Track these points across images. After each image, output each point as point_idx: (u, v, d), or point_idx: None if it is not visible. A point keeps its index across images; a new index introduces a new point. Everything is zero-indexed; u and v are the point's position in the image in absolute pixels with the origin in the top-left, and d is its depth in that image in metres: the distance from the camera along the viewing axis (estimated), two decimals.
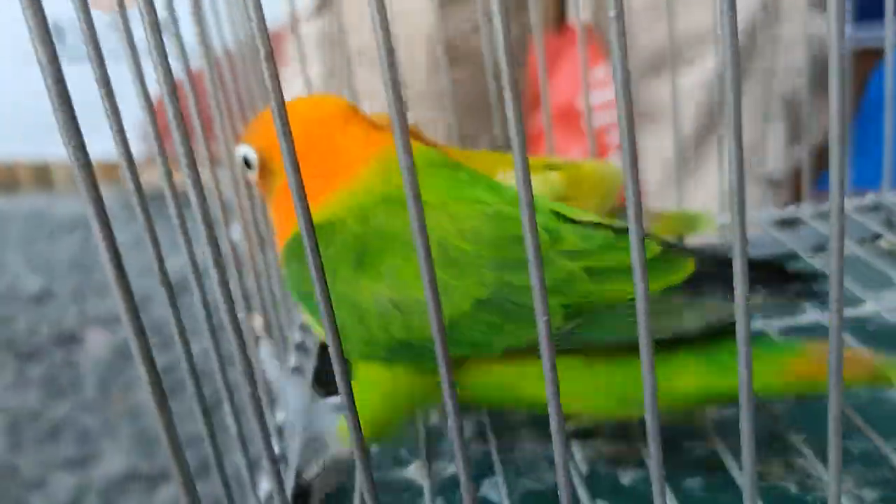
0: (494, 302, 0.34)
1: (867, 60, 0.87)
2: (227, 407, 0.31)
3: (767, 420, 0.41)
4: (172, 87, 0.25)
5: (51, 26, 0.21)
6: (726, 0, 0.21)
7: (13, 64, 2.54)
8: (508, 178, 0.49)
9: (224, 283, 0.25)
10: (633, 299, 0.30)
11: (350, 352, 0.37)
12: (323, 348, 0.51)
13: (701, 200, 0.71)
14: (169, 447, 0.24)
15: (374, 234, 0.36)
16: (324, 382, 0.48)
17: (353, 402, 0.26)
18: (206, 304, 0.31)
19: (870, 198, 0.63)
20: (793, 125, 0.82)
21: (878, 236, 0.61)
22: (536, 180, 0.51)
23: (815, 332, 0.49)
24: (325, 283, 0.25)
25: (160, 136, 0.25)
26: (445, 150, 0.51)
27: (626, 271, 0.32)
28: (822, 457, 0.37)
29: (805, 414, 0.40)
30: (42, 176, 2.70)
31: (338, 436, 0.40)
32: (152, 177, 0.28)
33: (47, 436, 1.52)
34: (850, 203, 0.63)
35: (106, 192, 0.23)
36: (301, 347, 0.51)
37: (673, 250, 0.35)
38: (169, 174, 0.26)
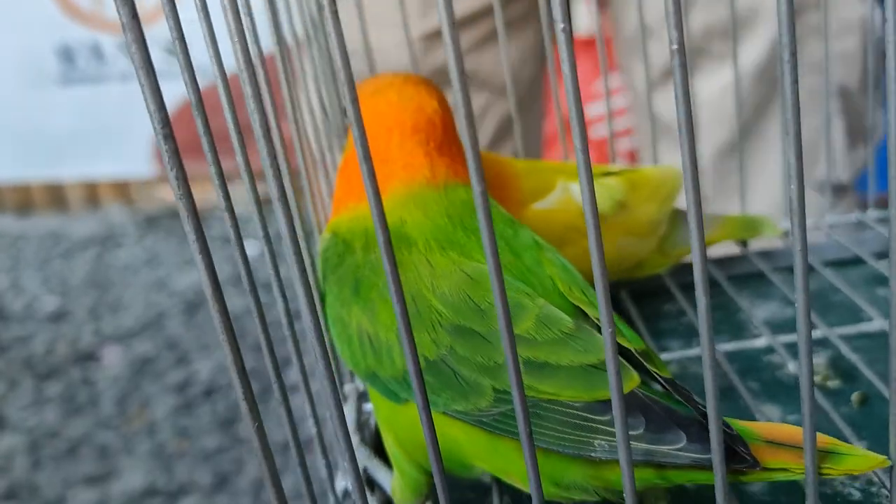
0: (438, 366, 0.33)
1: None
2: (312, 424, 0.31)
3: (831, 427, 0.40)
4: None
5: (61, 48, 0.21)
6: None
7: (26, 87, 2.57)
8: (569, 188, 0.49)
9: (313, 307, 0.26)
10: (559, 403, 0.31)
11: (346, 363, 0.38)
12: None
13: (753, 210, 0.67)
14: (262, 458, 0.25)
15: (369, 266, 0.36)
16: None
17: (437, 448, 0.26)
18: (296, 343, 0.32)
19: None
20: (852, 122, 0.75)
21: None
22: (596, 187, 0.50)
23: (880, 339, 0.49)
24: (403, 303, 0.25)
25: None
26: (506, 163, 0.50)
27: (564, 373, 0.31)
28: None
29: (866, 419, 0.40)
30: (56, 196, 2.73)
31: (392, 495, 0.39)
32: (167, 194, 0.28)
33: (66, 453, 1.53)
34: None
35: (118, 211, 0.24)
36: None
37: (623, 358, 0.32)
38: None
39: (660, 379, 0.33)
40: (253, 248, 0.39)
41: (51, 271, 2.30)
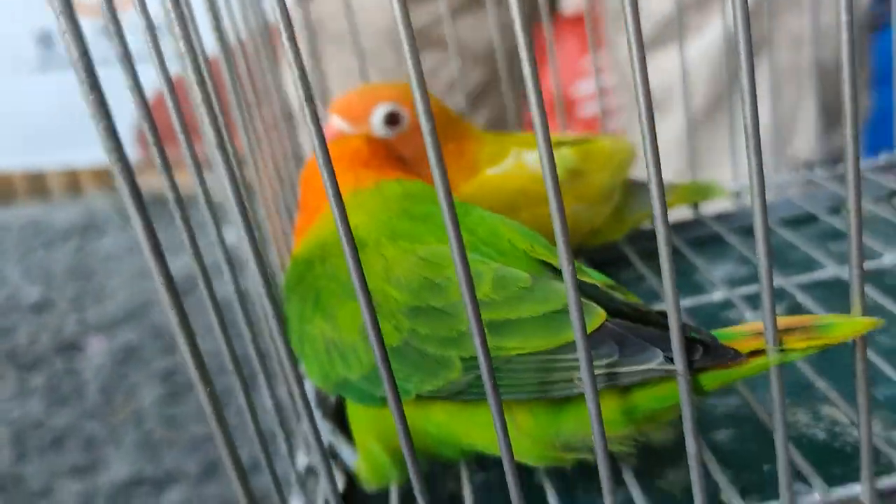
0: (403, 350, 0.34)
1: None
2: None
3: (793, 372, 0.41)
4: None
5: (40, 34, 0.21)
6: None
7: (4, 74, 2.54)
8: (521, 155, 0.51)
9: (272, 298, 0.26)
10: (530, 354, 0.32)
11: (317, 383, 0.39)
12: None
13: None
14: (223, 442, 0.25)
15: (327, 276, 0.37)
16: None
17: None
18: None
19: (884, 158, 0.63)
20: (829, 101, 0.75)
21: (893, 194, 0.62)
22: None
23: (834, 287, 0.50)
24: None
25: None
26: (470, 129, 0.52)
27: (528, 325, 0.32)
28: (850, 403, 0.36)
29: (828, 364, 0.41)
30: (37, 185, 2.70)
31: (357, 474, 0.40)
32: (150, 181, 0.28)
33: (52, 444, 1.52)
34: (865, 164, 0.63)
35: (100, 198, 0.23)
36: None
37: (585, 299, 0.33)
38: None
39: (632, 305, 0.34)
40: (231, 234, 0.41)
41: (33, 261, 2.28)
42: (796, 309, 0.48)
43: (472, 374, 0.32)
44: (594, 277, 0.35)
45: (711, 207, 0.63)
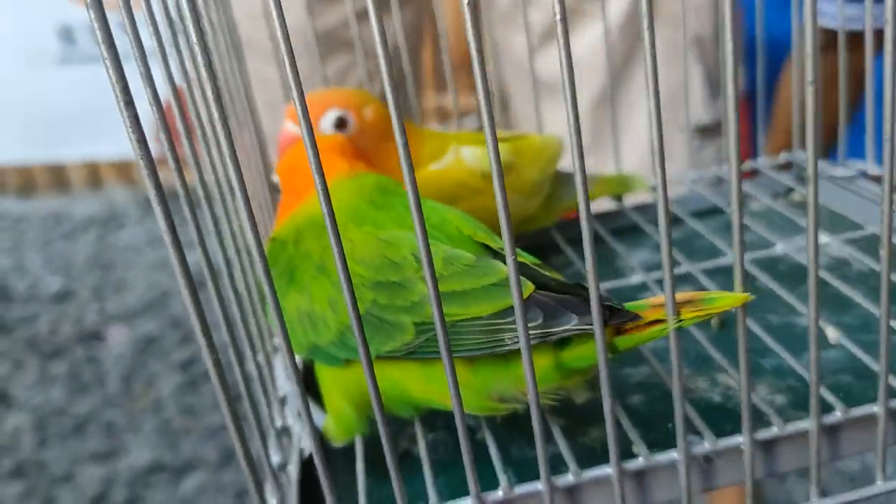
0: (365, 319, 0.40)
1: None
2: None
3: (695, 347, 0.47)
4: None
5: (61, 28, 0.22)
6: None
7: (26, 68, 2.57)
8: (460, 151, 0.55)
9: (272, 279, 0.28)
10: (472, 319, 0.38)
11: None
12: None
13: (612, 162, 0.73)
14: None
15: (300, 255, 0.43)
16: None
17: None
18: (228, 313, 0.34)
19: (783, 157, 0.68)
20: (710, 69, 0.82)
21: (790, 190, 0.67)
22: (483, 151, 0.55)
23: (732, 271, 0.54)
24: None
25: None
26: (414, 129, 0.56)
27: (471, 295, 0.39)
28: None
29: (724, 341, 0.47)
30: (58, 178, 2.74)
31: (325, 433, 0.45)
32: (169, 174, 0.30)
33: (73, 431, 1.55)
34: (766, 161, 0.68)
35: (119, 191, 0.25)
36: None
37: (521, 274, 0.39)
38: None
39: (555, 280, 0.40)
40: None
41: (53, 252, 2.32)
42: (701, 290, 0.52)
43: (423, 336, 0.39)
44: (525, 258, 0.42)
45: (632, 199, 0.69)
